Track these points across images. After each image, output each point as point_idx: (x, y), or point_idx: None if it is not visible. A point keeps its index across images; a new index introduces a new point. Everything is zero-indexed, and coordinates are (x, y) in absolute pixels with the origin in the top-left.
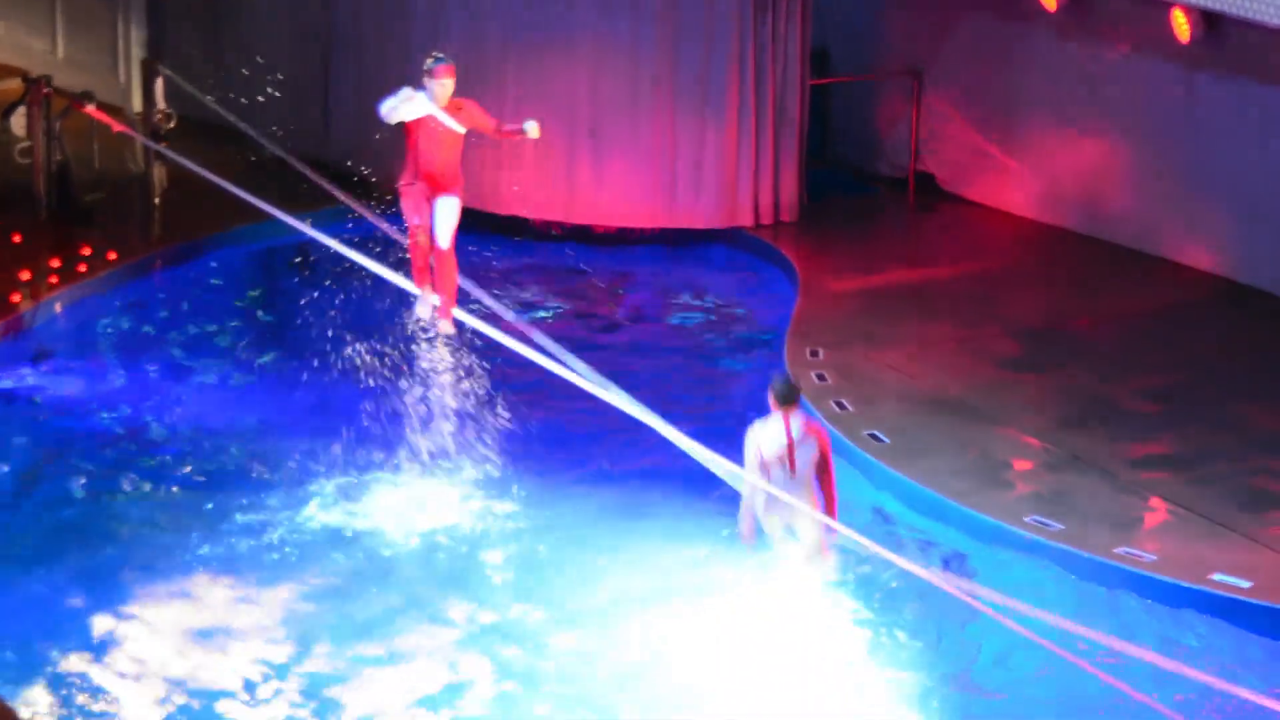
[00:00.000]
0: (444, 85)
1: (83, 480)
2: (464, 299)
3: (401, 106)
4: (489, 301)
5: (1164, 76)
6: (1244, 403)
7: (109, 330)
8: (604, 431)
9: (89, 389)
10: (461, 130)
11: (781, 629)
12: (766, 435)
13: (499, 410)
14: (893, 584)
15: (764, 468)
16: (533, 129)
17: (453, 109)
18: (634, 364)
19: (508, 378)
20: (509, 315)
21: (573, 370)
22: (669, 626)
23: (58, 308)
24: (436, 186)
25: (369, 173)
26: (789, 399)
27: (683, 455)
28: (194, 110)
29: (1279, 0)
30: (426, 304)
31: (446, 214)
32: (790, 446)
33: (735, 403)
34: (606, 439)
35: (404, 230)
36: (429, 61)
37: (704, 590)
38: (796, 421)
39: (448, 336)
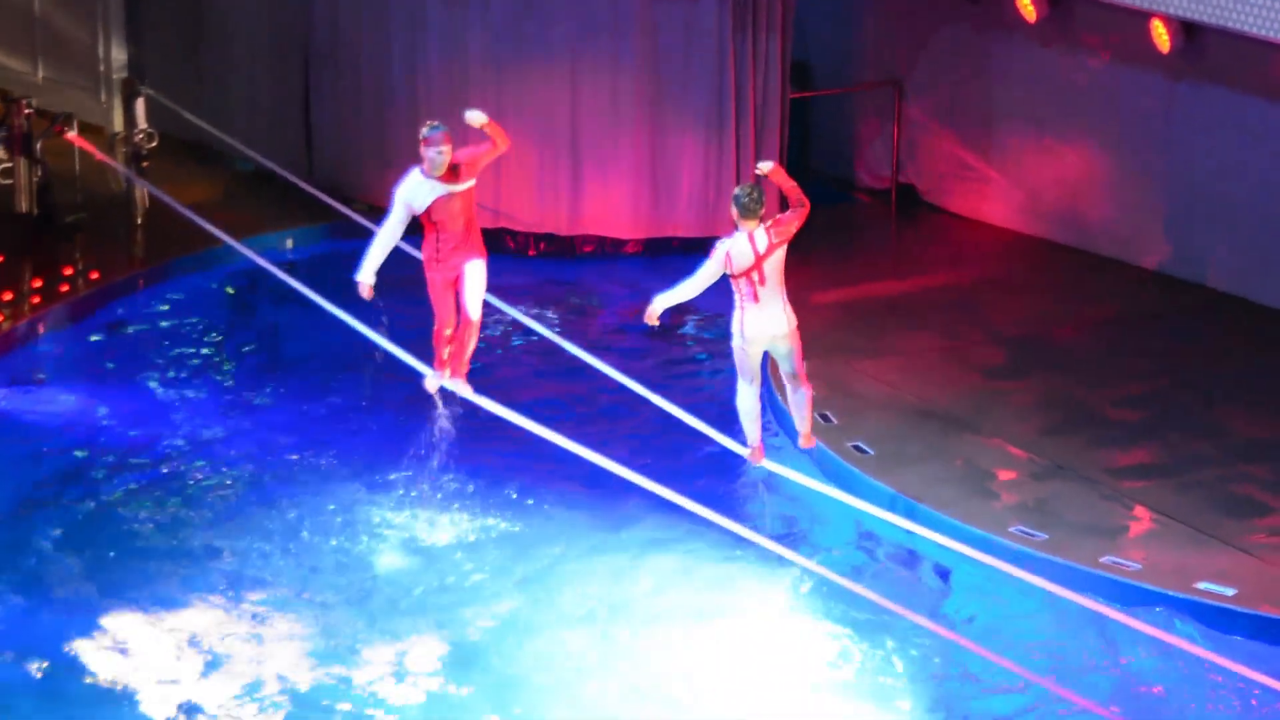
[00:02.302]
0: (442, 153)
1: (67, 498)
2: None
3: (405, 203)
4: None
5: (1144, 86)
6: (1224, 410)
7: (92, 349)
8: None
9: (73, 408)
10: (468, 185)
11: (777, 638)
12: (736, 250)
13: (490, 424)
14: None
15: (734, 281)
16: (473, 117)
17: (450, 176)
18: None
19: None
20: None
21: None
22: (667, 636)
23: (40, 328)
24: (459, 253)
25: (351, 192)
26: (749, 212)
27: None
28: (176, 129)
29: (1259, 10)
30: (438, 381)
31: (474, 283)
32: (758, 260)
33: (717, 411)
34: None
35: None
36: (424, 130)
37: (700, 597)
38: (760, 234)
39: (464, 397)
